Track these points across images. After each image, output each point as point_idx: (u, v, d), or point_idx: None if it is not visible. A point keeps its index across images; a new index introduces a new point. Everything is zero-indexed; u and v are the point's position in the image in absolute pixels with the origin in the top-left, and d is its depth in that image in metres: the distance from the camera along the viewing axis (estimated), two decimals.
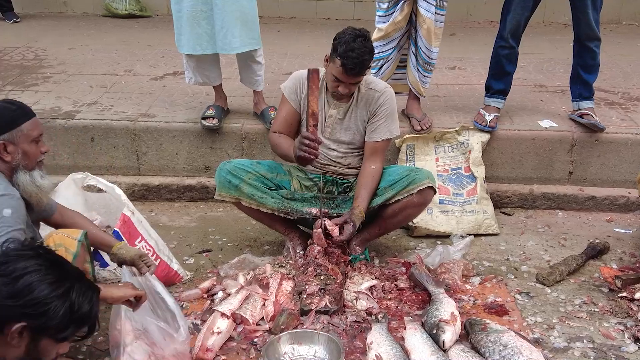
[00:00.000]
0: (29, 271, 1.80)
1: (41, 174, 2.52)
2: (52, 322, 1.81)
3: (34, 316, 1.78)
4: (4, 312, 1.76)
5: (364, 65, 2.96)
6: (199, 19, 3.72)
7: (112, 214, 3.31)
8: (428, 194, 3.16)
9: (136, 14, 6.76)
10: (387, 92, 3.22)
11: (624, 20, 6.72)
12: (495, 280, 3.23)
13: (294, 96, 3.23)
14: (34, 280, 1.79)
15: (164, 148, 4.09)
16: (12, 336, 1.77)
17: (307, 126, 3.03)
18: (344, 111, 3.21)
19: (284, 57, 5.36)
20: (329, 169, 3.30)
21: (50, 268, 1.85)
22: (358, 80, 3.06)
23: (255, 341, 2.74)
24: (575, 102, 4.04)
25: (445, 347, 2.58)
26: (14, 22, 6.48)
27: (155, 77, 4.88)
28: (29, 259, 1.84)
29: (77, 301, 1.85)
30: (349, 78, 3.00)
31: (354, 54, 2.91)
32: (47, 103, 4.30)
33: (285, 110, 3.28)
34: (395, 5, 3.65)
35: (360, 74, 3.00)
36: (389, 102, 3.20)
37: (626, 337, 2.79)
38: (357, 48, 2.91)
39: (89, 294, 1.91)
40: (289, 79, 3.28)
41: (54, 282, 1.82)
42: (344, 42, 2.94)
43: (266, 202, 3.23)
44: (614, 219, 3.90)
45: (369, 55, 2.97)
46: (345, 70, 2.96)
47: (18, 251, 1.89)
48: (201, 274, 3.30)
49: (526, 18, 3.79)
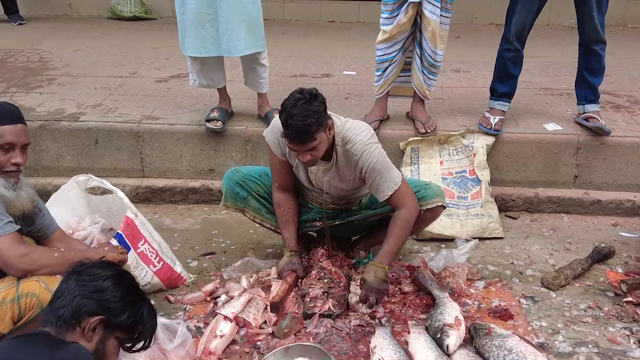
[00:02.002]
0: (112, 275, 2.01)
1: (5, 184, 2.41)
2: (123, 323, 1.98)
3: (111, 312, 1.95)
4: (87, 305, 1.93)
5: (306, 132, 2.65)
6: (203, 21, 3.72)
7: (115, 216, 3.31)
8: (438, 211, 3.12)
9: (141, 16, 6.78)
10: (365, 154, 2.86)
11: (630, 23, 6.70)
12: (499, 284, 3.21)
13: (278, 150, 3.02)
14: (114, 283, 1.99)
15: (167, 150, 4.09)
16: (89, 328, 1.92)
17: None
18: (325, 170, 2.99)
19: (289, 59, 5.36)
20: (327, 206, 3.18)
21: (128, 280, 2.07)
22: (311, 147, 2.72)
23: (258, 344, 2.74)
24: (581, 105, 4.03)
25: (449, 352, 2.56)
26: (19, 24, 6.50)
27: (160, 80, 4.88)
28: (111, 266, 2.07)
29: (145, 314, 2.06)
30: (299, 147, 2.72)
31: (293, 121, 2.64)
32: (51, 105, 4.31)
33: (276, 162, 3.08)
34: (399, 8, 3.64)
35: (306, 140, 2.68)
36: (370, 162, 2.86)
37: (632, 342, 2.77)
38: (297, 114, 2.64)
39: (154, 313, 2.13)
40: (270, 130, 3.03)
41: (129, 288, 2.04)
42: (283, 109, 2.71)
43: (271, 219, 3.25)
44: (620, 223, 3.88)
45: (313, 118, 2.65)
46: (290, 140, 2.72)
47: (98, 261, 2.15)
48: (204, 277, 3.29)
49: (531, 21, 3.77)
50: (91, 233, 3.23)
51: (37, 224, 2.66)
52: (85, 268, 2.01)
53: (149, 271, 3.05)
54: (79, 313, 1.92)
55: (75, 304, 1.92)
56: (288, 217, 3.14)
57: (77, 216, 3.35)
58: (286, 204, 3.14)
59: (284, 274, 3.06)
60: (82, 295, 1.93)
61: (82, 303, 1.92)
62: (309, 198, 3.23)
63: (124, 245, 2.95)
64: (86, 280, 1.96)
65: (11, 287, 2.36)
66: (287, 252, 3.13)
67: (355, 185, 3.06)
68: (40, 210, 2.68)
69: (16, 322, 2.35)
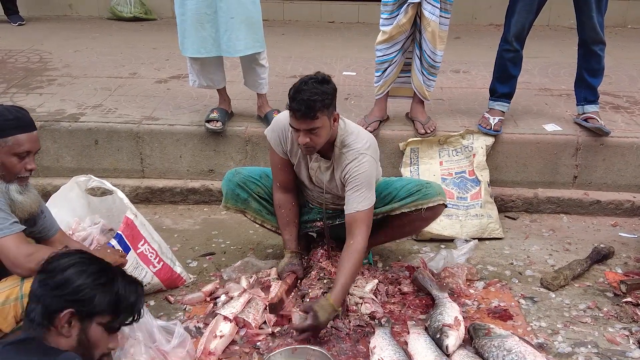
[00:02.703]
0: (71, 264, 1.94)
1: (19, 189, 2.47)
2: (99, 308, 1.92)
3: (80, 302, 1.90)
4: (51, 303, 1.89)
5: (311, 107, 2.68)
6: (203, 22, 3.72)
7: (115, 217, 3.31)
8: (439, 209, 3.12)
9: (141, 17, 6.78)
10: (355, 162, 2.86)
11: (630, 23, 6.70)
12: (499, 284, 3.21)
13: (279, 148, 3.04)
14: (76, 271, 1.93)
15: (167, 151, 4.09)
16: (62, 324, 1.88)
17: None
18: (325, 168, 3.00)
19: (289, 60, 5.36)
20: (327, 206, 3.18)
21: (91, 262, 2.00)
22: (313, 127, 2.73)
23: (258, 345, 2.74)
24: (580, 105, 4.03)
25: (449, 352, 2.57)
26: (19, 24, 6.51)
27: (160, 80, 4.89)
28: (72, 255, 2.00)
29: (122, 290, 1.98)
30: (301, 123, 2.72)
31: (301, 95, 2.69)
32: (51, 106, 4.31)
33: (278, 161, 3.09)
34: (399, 8, 3.64)
35: (309, 116, 2.70)
36: (355, 171, 2.85)
37: (631, 342, 2.77)
38: (306, 90, 2.70)
39: (134, 286, 2.04)
40: (271, 128, 3.06)
41: (95, 273, 1.96)
42: (294, 85, 2.76)
43: (272, 220, 3.25)
44: (619, 224, 3.88)
45: (320, 96, 2.69)
46: (294, 115, 2.73)
47: (62, 252, 2.07)
48: (204, 277, 3.30)
49: (530, 21, 3.78)
50: (91, 234, 3.23)
51: (38, 225, 2.66)
52: (46, 264, 1.96)
53: (149, 271, 3.06)
54: (47, 313, 1.89)
55: (42, 305, 1.89)
56: (289, 218, 3.15)
57: (77, 217, 3.35)
58: (287, 205, 3.15)
59: (284, 275, 3.06)
60: (45, 295, 1.90)
61: (47, 303, 1.89)
62: (309, 198, 3.23)
63: (124, 245, 2.96)
64: (47, 278, 1.92)
65: (15, 286, 2.37)
66: (288, 254, 3.13)
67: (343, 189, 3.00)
68: (42, 212, 2.69)
69: (19, 321, 2.36)
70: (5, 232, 2.35)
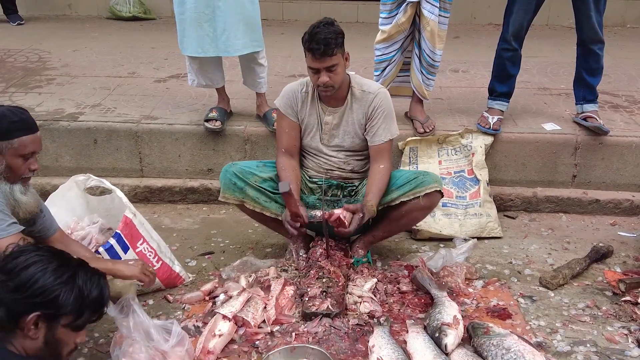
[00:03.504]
0: (30, 263, 1.86)
1: (22, 189, 2.47)
2: (64, 310, 1.86)
3: (45, 305, 1.83)
4: (14, 306, 1.82)
5: (329, 44, 2.94)
6: (201, 21, 3.72)
7: (114, 216, 3.31)
8: (435, 197, 3.16)
9: (140, 16, 6.79)
10: (381, 93, 3.19)
11: (628, 23, 6.71)
12: (498, 283, 3.21)
13: (290, 110, 3.24)
14: (37, 271, 1.85)
15: (166, 150, 4.09)
16: (28, 327, 1.83)
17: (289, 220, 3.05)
18: (339, 116, 3.21)
19: (287, 59, 5.36)
20: (332, 174, 3.29)
21: (51, 258, 1.91)
22: (332, 64, 2.99)
23: (257, 344, 2.74)
24: (579, 105, 4.03)
25: (448, 351, 2.56)
26: (18, 24, 6.51)
27: (159, 80, 4.89)
28: (29, 252, 1.90)
29: (85, 286, 1.91)
30: (320, 62, 2.98)
31: (317, 36, 2.94)
32: (50, 105, 4.31)
33: (286, 125, 3.28)
34: (398, 7, 3.64)
35: (328, 53, 2.96)
36: (383, 103, 3.18)
37: (630, 341, 2.77)
38: (321, 31, 2.95)
39: (95, 278, 1.97)
40: (281, 95, 3.28)
41: (56, 270, 1.88)
42: (308, 31, 3.00)
43: (270, 207, 3.24)
44: (618, 223, 3.88)
45: (334, 34, 2.97)
46: (313, 54, 2.97)
47: (18, 249, 1.95)
48: (203, 277, 3.29)
49: (529, 20, 3.78)
50: (90, 233, 3.22)
51: (38, 224, 2.66)
52: (3, 263, 1.87)
53: None
54: (12, 315, 1.83)
55: (4, 308, 1.82)
56: (291, 178, 3.17)
57: (76, 216, 3.34)
58: (289, 167, 3.24)
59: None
60: (6, 298, 1.82)
61: (11, 306, 1.82)
62: (314, 169, 3.30)
63: (123, 244, 2.96)
64: (7, 279, 1.84)
65: None
66: None
67: (355, 142, 3.24)
68: (42, 211, 2.68)
69: None
70: (1, 234, 2.35)
